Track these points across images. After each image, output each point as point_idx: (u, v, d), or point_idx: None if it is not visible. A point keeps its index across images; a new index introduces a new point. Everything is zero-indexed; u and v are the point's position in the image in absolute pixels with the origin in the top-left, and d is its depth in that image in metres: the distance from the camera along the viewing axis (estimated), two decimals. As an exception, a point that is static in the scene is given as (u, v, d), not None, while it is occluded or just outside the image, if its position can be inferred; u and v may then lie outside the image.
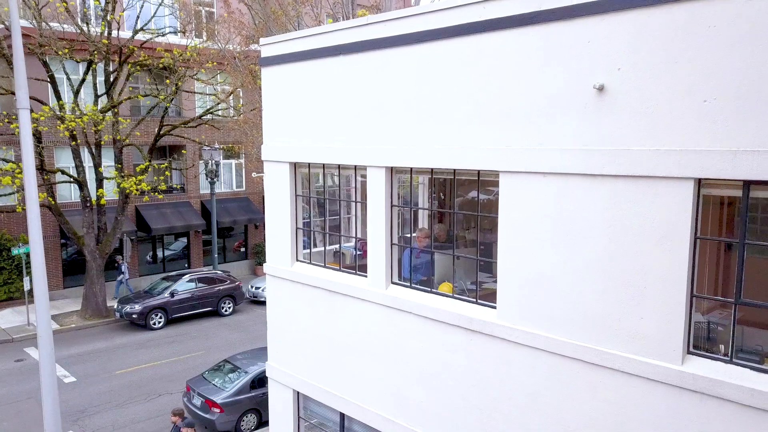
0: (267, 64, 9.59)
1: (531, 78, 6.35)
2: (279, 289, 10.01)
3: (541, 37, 6.21)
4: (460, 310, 7.35)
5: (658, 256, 5.59)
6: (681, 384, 5.55)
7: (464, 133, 7.02)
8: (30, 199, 7.61)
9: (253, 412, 15.27)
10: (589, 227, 6.03)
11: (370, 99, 8.06)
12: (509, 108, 6.56)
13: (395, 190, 8.16)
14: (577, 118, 6.00)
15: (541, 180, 6.34)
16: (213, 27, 26.91)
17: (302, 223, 9.79)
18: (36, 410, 16.33)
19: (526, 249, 6.59)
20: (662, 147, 5.44)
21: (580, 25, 5.89)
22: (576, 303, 6.22)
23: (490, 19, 6.60)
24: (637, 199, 5.66)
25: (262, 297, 26.89)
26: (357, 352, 8.77)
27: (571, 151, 6.05)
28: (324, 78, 8.72)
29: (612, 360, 5.97)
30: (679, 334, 5.55)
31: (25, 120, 7.48)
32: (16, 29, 7.46)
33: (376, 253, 8.32)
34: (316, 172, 9.40)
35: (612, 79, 5.71)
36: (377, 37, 7.83)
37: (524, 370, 6.76)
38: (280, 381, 10.16)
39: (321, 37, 8.68)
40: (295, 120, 9.30)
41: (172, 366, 19.52)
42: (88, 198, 23.30)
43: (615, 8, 5.61)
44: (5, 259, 25.04)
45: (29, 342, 22.02)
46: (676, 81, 5.34)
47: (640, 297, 5.75)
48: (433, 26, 7.17)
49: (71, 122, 19.31)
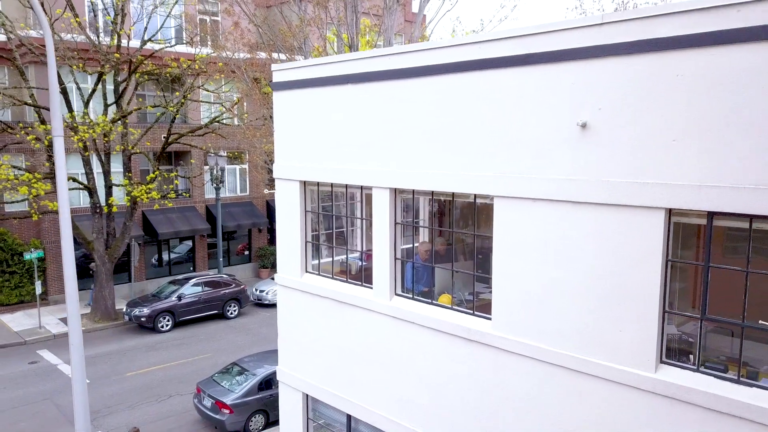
0: (279, 89, 10.27)
1: (523, 112, 7.02)
2: (289, 298, 10.69)
3: (533, 77, 6.89)
4: (459, 320, 8.04)
5: (634, 276, 6.28)
6: (654, 390, 6.23)
7: (462, 159, 7.70)
8: (63, 219, 8.28)
9: (261, 413, 15.96)
10: (574, 249, 6.71)
11: (376, 125, 8.74)
12: (503, 139, 7.24)
13: (399, 208, 8.84)
14: (564, 150, 6.68)
15: (532, 205, 7.02)
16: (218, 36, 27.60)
17: (311, 236, 10.46)
18: (52, 411, 17.03)
19: (518, 267, 7.27)
20: (638, 179, 6.12)
21: (565, 68, 6.57)
22: (563, 316, 6.90)
23: (486, 59, 7.28)
24: (616, 225, 6.34)
25: (266, 300, 27.59)
26: (363, 358, 9.45)
27: (558, 180, 6.73)
28: (333, 103, 9.40)
29: (595, 368, 6.65)
30: (653, 346, 6.23)
31: (59, 147, 8.15)
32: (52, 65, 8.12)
33: (381, 267, 9.00)
34: (325, 189, 10.08)
35: (594, 117, 6.39)
36: (382, 69, 8.51)
37: (518, 376, 7.44)
38: (290, 384, 10.84)
39: (329, 66, 9.36)
40: (305, 141, 9.98)
41: (181, 368, 20.20)
42: (98, 204, 24.00)
43: (595, 55, 6.29)
44: (16, 263, 25.73)
45: (41, 344, 22.71)
46: (649, 121, 6.02)
47: (619, 312, 6.43)
48: (434, 62, 7.85)
49: (84, 133, 19.97)
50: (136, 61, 22.85)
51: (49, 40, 8.24)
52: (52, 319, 25.07)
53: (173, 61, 23.97)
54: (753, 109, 5.39)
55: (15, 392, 18.24)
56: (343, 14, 16.38)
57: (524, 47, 6.90)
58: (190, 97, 23.91)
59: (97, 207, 24.02)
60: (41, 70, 25.03)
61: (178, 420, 16.54)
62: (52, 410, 17.06)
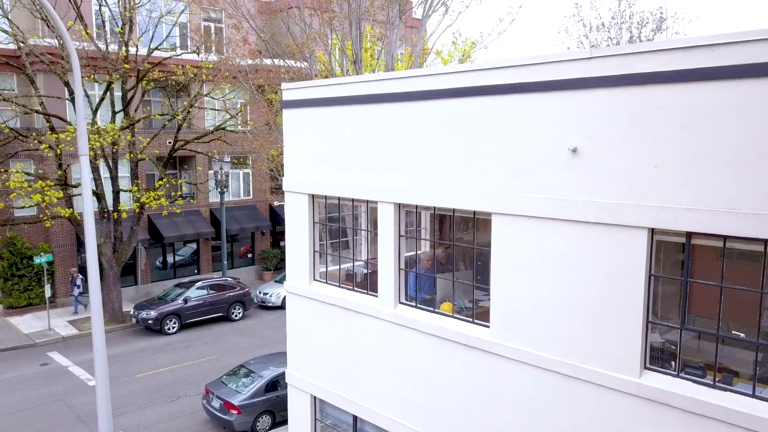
0: (288, 107, 10.83)
1: (519, 136, 7.59)
2: (298, 305, 11.25)
3: (527, 103, 7.45)
4: (459, 328, 8.60)
5: (620, 288, 6.84)
6: (639, 394, 6.79)
7: (463, 178, 8.27)
8: (89, 233, 8.82)
9: (268, 414, 16.51)
10: (565, 263, 7.27)
11: (382, 143, 9.30)
12: (501, 160, 7.81)
13: (402, 222, 9.41)
14: (556, 172, 7.24)
15: (526, 222, 7.59)
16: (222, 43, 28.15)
17: (319, 245, 11.03)
18: (65, 412, 17.58)
19: (514, 279, 7.84)
20: (623, 201, 6.69)
21: (557, 97, 7.13)
22: (555, 325, 7.46)
23: (485, 86, 7.84)
24: (604, 242, 6.90)
25: (270, 302, 28.16)
26: (368, 362, 10.02)
27: (550, 200, 7.29)
28: (340, 122, 9.96)
29: (584, 373, 7.21)
30: (637, 353, 6.80)
31: (85, 165, 8.71)
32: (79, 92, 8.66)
33: (385, 276, 9.56)
34: (332, 201, 10.65)
35: (583, 143, 6.96)
36: (387, 92, 9.07)
37: (513, 380, 8.01)
38: (298, 387, 11.40)
39: (336, 87, 9.92)
40: (313, 156, 10.54)
41: (189, 369, 20.75)
42: (106, 210, 24.56)
43: (584, 86, 6.85)
44: (25, 267, 26.27)
45: (51, 346, 23.27)
46: (633, 148, 6.58)
47: (606, 322, 7.00)
48: (436, 87, 8.41)
49: (95, 142, 20.52)
50: (144, 70, 23.40)
51: (76, 67, 8.78)
52: (60, 322, 25.61)
53: (179, 69, 24.55)
54: (724, 140, 5.95)
55: (28, 393, 18.79)
56: (348, 30, 16.92)
57: (520, 76, 7.46)
58: (196, 105, 24.42)
59: (105, 212, 24.58)
60: (50, 78, 25.57)
61: (187, 420, 17.10)
62: (65, 411, 17.61)
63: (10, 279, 26.08)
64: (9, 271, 25.92)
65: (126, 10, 23.06)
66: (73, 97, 22.23)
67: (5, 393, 18.77)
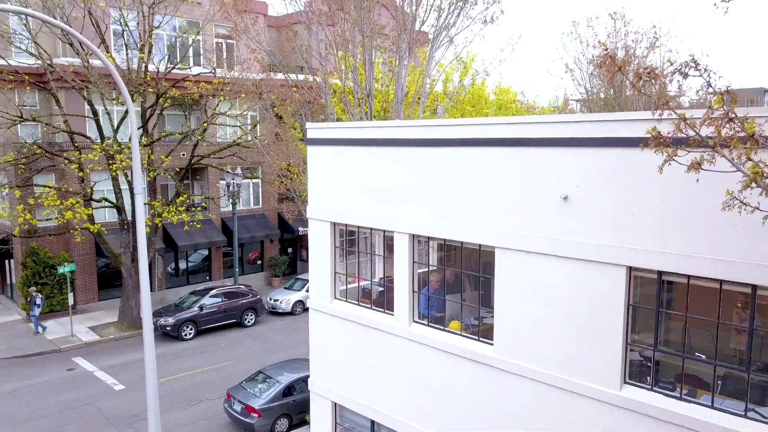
0: (312, 144, 12.10)
1: (519, 182, 8.86)
2: (320, 320, 12.53)
3: (527, 156, 8.72)
4: (466, 345, 9.88)
5: (603, 315, 8.11)
6: (620, 405, 8.07)
7: (470, 215, 9.54)
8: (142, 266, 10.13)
9: (286, 417, 17.78)
10: (558, 292, 8.55)
11: (398, 181, 10.57)
12: (503, 202, 9.08)
13: (416, 250, 10.68)
14: (550, 215, 8.52)
15: (524, 256, 8.86)
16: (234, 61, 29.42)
17: (339, 266, 12.30)
18: (95, 415, 18.85)
19: (514, 303, 9.11)
20: (605, 242, 7.96)
21: (551, 151, 8.41)
22: (549, 344, 8.74)
23: (490, 138, 9.11)
24: (589, 276, 8.18)
25: (280, 308, 29.45)
26: (384, 372, 11.29)
27: (545, 239, 8.57)
28: (359, 159, 11.22)
29: (573, 386, 8.49)
30: (618, 369, 8.07)
31: (140, 203, 9.97)
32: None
33: (401, 298, 10.84)
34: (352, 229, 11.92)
35: (573, 191, 8.23)
36: (401, 137, 10.35)
37: (513, 391, 9.28)
38: (320, 394, 12.68)
39: (356, 130, 11.19)
40: (335, 188, 11.81)
41: (207, 375, 22.01)
42: (126, 221, 25.84)
43: (573, 144, 8.12)
44: (48, 275, 27.53)
45: (75, 352, 24.53)
46: (614, 198, 7.85)
47: (592, 342, 8.27)
48: (446, 136, 9.68)
49: (122, 162, 21.80)
50: (162, 88, 24.65)
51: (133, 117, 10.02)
52: (82, 328, 26.88)
53: (194, 86, 25.82)
54: (686, 198, 7.22)
55: (58, 398, 20.05)
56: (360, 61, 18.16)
57: (520, 132, 8.73)
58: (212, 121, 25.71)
59: (124, 223, 25.85)
60: (71, 95, 26.80)
61: (210, 423, 18.36)
62: (95, 414, 18.88)
63: (34, 287, 27.30)
64: (32, 279, 27.18)
65: (145, 33, 24.32)
66: (97, 119, 23.50)
67: (39, 397, 20.04)
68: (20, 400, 19.83)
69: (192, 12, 28.97)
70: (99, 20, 23.02)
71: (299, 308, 29.87)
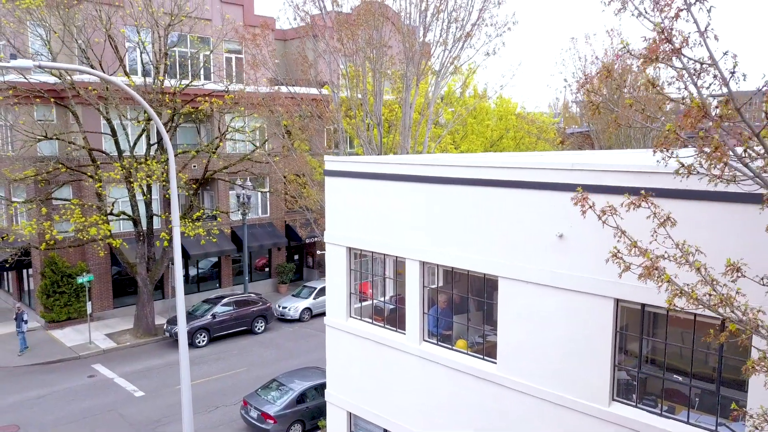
0: (330, 175, 13.18)
1: (520, 219, 9.93)
2: (337, 337, 13.61)
3: (526, 196, 9.79)
4: (472, 363, 10.97)
5: (594, 340, 9.19)
6: (608, 419, 9.15)
7: (477, 246, 10.62)
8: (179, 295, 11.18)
9: (299, 423, 18.87)
10: (554, 318, 9.63)
11: (410, 212, 11.64)
12: (507, 236, 10.16)
13: (426, 276, 11.76)
14: (547, 251, 9.59)
15: (524, 286, 9.94)
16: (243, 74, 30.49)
17: (354, 287, 13.37)
18: (118, 421, 19.93)
19: (516, 327, 10.19)
20: (596, 276, 9.04)
21: (548, 194, 9.48)
22: (546, 364, 9.82)
23: (494, 179, 10.19)
24: (582, 305, 9.25)
25: (289, 315, 30.55)
26: (396, 386, 12.37)
27: (543, 271, 9.65)
28: (373, 190, 12.30)
29: (567, 401, 9.57)
30: (606, 387, 9.16)
31: (176, 234, 11.05)
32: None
33: (412, 319, 11.92)
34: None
35: (567, 231, 9.31)
36: (413, 174, 11.42)
37: (514, 405, 10.36)
38: (337, 404, 13.76)
39: (369, 165, 12.27)
40: (351, 215, 12.89)
41: (221, 381, 23.09)
42: (141, 232, 26.92)
43: (567, 189, 9.17)
44: (66, 284, 28.62)
45: (94, 359, 25.62)
46: (602, 239, 8.91)
47: (584, 363, 9.35)
48: (455, 175, 10.76)
49: (143, 180, 22.90)
50: (177, 105, 25.72)
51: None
52: (98, 335, 27.96)
53: (206, 102, 26.89)
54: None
55: (82, 404, 21.13)
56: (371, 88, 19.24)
57: (519, 176, 9.81)
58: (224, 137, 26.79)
59: (140, 235, 26.93)
60: (88, 110, 27.85)
61: (227, 429, 19.45)
62: (119, 420, 19.96)
63: (52, 295, 28.42)
64: (51, 288, 28.27)
65: (161, 52, 25.40)
66: (116, 139, 24.58)
67: (64, 403, 21.13)
68: (46, 406, 20.91)
69: (204, 30, 30.07)
70: (119, 44, 24.07)
71: (307, 315, 30.98)
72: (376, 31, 17.77)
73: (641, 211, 6.62)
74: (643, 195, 6.53)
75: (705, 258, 6.57)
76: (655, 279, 6.24)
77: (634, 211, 6.51)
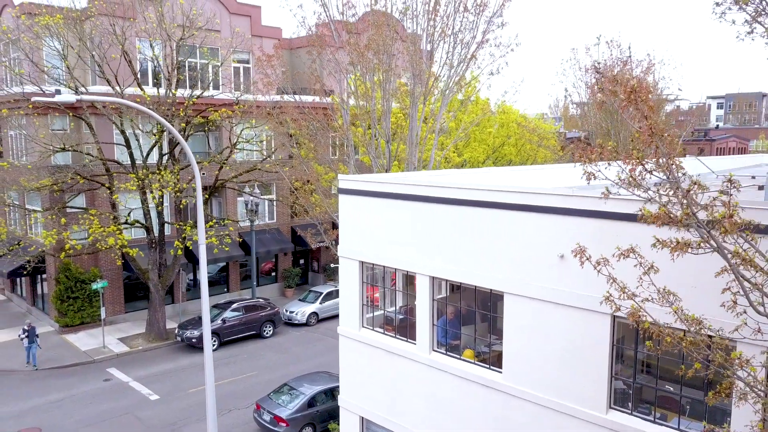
0: (343, 193, 13.95)
1: (525, 240, 10.70)
2: (350, 346, 14.39)
3: (531, 219, 10.56)
4: (479, 372, 11.74)
5: (593, 352, 9.96)
6: (605, 426, 9.92)
7: (483, 264, 11.39)
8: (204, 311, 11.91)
9: (310, 426, 19.65)
10: (556, 332, 10.40)
11: (421, 230, 12.41)
12: (512, 255, 10.93)
13: (435, 290, 12.54)
14: (549, 269, 10.37)
15: (528, 301, 10.72)
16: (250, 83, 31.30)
17: (366, 299, 14.15)
18: (135, 423, 20.70)
19: (520, 339, 10.97)
20: (593, 294, 9.80)
21: (550, 217, 10.25)
22: (548, 373, 10.59)
23: (499, 202, 10.96)
24: (580, 320, 10.02)
25: (296, 320, 31.34)
26: (407, 392, 13.15)
27: (546, 288, 10.42)
28: (385, 208, 13.06)
29: (567, 409, 10.34)
30: (604, 396, 9.93)
31: (202, 254, 11.81)
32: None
33: (422, 329, 12.69)
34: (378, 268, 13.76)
35: (568, 252, 10.06)
36: (422, 195, 12.19)
37: (517, 412, 11.13)
38: (350, 409, 14.54)
39: (381, 185, 13.04)
40: (363, 231, 13.66)
41: (233, 385, 23.86)
42: (154, 240, 27.71)
43: (567, 213, 9.96)
44: (79, 289, 29.41)
45: (108, 363, 26.39)
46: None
47: (583, 373, 10.12)
48: (464, 197, 11.53)
49: (159, 191, 23.69)
50: (189, 116, 26.51)
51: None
52: (112, 339, 28.74)
53: (217, 112, 27.69)
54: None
55: (99, 407, 21.90)
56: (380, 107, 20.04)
57: (524, 200, 10.58)
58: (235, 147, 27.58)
59: (152, 242, 27.72)
60: (101, 120, 28.63)
61: (241, 431, 20.21)
62: (136, 423, 20.74)
63: (66, 301, 29.22)
64: (65, 293, 29.07)
65: (173, 65, 26.19)
66: (130, 152, 25.37)
67: (82, 406, 21.91)
68: (64, 410, 21.69)
69: (214, 41, 30.85)
70: (132, 58, 24.85)
71: (314, 319, 31.76)
72: (386, 55, 18.56)
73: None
74: (630, 248, 7.52)
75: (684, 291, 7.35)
76: (637, 321, 7.32)
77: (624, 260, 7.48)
